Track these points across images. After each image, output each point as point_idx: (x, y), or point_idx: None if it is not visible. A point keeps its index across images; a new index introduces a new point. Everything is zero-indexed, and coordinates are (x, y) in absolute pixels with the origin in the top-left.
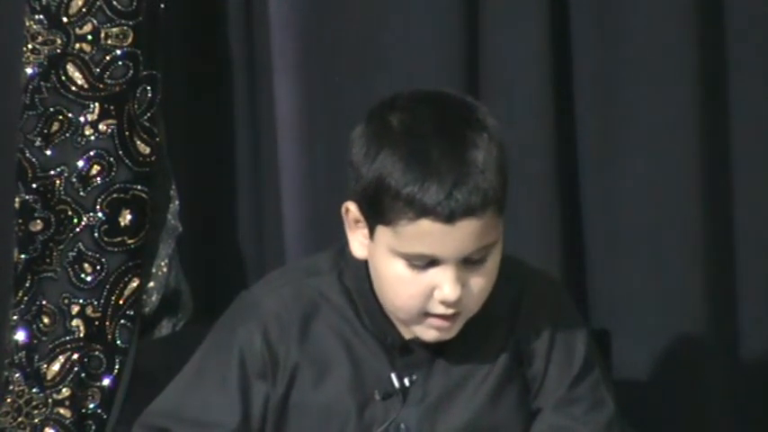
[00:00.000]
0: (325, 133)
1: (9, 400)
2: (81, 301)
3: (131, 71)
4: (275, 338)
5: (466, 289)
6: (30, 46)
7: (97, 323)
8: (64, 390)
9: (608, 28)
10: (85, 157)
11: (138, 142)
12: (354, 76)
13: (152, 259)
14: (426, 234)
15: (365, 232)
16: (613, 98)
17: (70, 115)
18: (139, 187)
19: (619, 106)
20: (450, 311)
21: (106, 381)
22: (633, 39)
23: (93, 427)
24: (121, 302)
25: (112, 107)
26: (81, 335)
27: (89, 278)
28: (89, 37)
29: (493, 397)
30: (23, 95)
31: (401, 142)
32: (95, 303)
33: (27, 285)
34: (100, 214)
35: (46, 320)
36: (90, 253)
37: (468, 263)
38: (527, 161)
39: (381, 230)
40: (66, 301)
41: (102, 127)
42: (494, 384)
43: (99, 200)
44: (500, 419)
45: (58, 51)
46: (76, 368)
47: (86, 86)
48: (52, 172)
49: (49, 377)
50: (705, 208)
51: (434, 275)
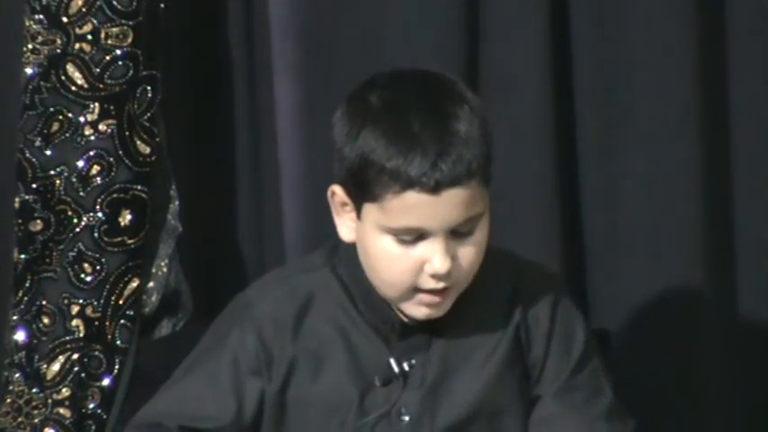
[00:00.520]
0: (325, 133)
1: (9, 401)
2: (81, 301)
3: (131, 71)
4: (269, 337)
5: (456, 262)
6: (30, 46)
7: (97, 323)
8: (64, 390)
9: (608, 28)
10: (85, 157)
11: (138, 142)
12: (354, 76)
13: (152, 259)
14: (413, 206)
15: (352, 215)
16: (613, 98)
17: (70, 115)
18: (139, 187)
19: (619, 106)
20: (440, 285)
21: (106, 381)
22: (633, 39)
23: (92, 427)
24: (121, 302)
25: (112, 107)
26: (81, 335)
27: (89, 278)
28: (89, 37)
29: (494, 380)
30: (23, 95)
31: (382, 118)
32: (95, 303)
33: (27, 285)
34: (100, 214)
35: (46, 320)
36: (90, 253)
37: (456, 235)
38: (527, 161)
39: (368, 208)
40: (65, 301)
41: (102, 127)
42: (495, 368)
43: (99, 200)
44: (501, 403)
45: (58, 51)
46: (76, 368)
47: (86, 86)
48: (52, 172)
49: (49, 377)
50: (705, 208)
51: (423, 249)
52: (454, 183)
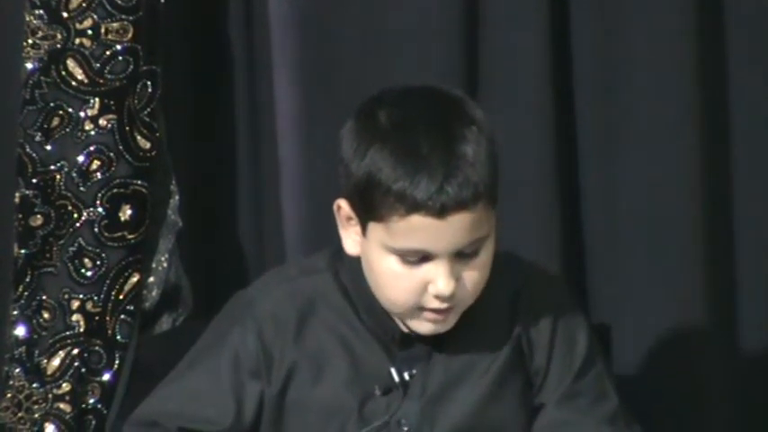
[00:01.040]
0: (325, 132)
1: (9, 396)
2: (81, 297)
3: (131, 66)
4: (270, 338)
5: (460, 283)
6: (30, 41)
7: (97, 318)
8: (64, 385)
9: (608, 27)
10: (86, 152)
11: (139, 137)
12: (354, 76)
13: (152, 254)
14: (418, 229)
15: (357, 229)
16: (613, 98)
17: (70, 110)
18: (140, 182)
19: (619, 106)
20: (444, 306)
21: (106, 376)
22: (633, 38)
23: (93, 422)
24: (121, 297)
25: (113, 102)
26: (81, 330)
27: (89, 273)
28: (89, 32)
29: (494, 390)
30: (23, 90)
31: (390, 138)
32: (95, 298)
33: (27, 280)
34: (100, 209)
35: (46, 315)
36: (90, 248)
37: (461, 256)
38: (527, 161)
39: (373, 227)
40: (66, 297)
41: (102, 122)
42: (495, 378)
43: (99, 195)
44: (502, 413)
45: (59, 46)
46: (76, 363)
47: (86, 81)
48: (52, 167)
49: (49, 372)
50: (705, 207)
51: (428, 270)
52: (460, 206)
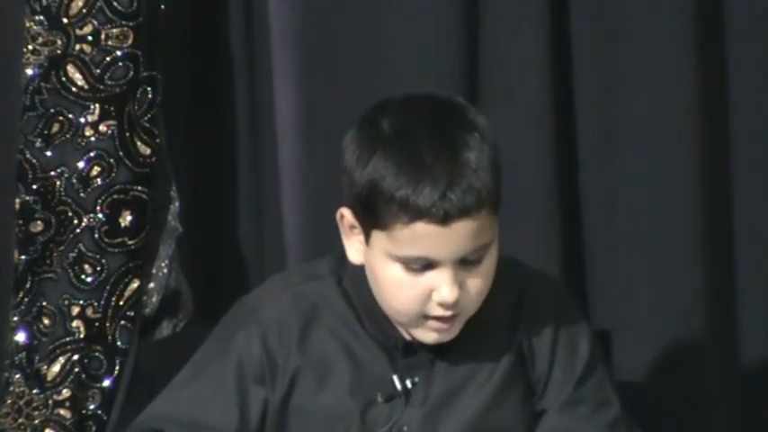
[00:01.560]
0: (325, 134)
1: (9, 401)
2: (81, 302)
3: (132, 72)
4: (274, 344)
5: (464, 290)
6: (30, 47)
7: (97, 324)
8: (64, 391)
9: (608, 28)
10: (86, 158)
11: (139, 143)
12: (354, 78)
13: (152, 260)
14: (422, 237)
15: (361, 238)
16: (613, 98)
17: (70, 116)
18: (140, 188)
19: (619, 106)
20: (448, 313)
21: (106, 382)
22: (633, 39)
23: (93, 428)
24: (122, 303)
25: (113, 108)
26: (81, 336)
27: (89, 279)
28: (89, 38)
29: (496, 398)
30: (24, 96)
31: (393, 146)
32: (96, 304)
33: (27, 286)
34: (100, 215)
35: (46, 321)
36: (90, 254)
37: (464, 264)
38: (527, 162)
39: (377, 235)
40: (66, 302)
41: (102, 128)
42: (497, 385)
43: (99, 201)
44: (503, 420)
45: (59, 52)
46: (77, 369)
47: (87, 87)
48: (52, 173)
49: (50, 378)
50: (705, 208)
51: (432, 278)
52: (463, 213)
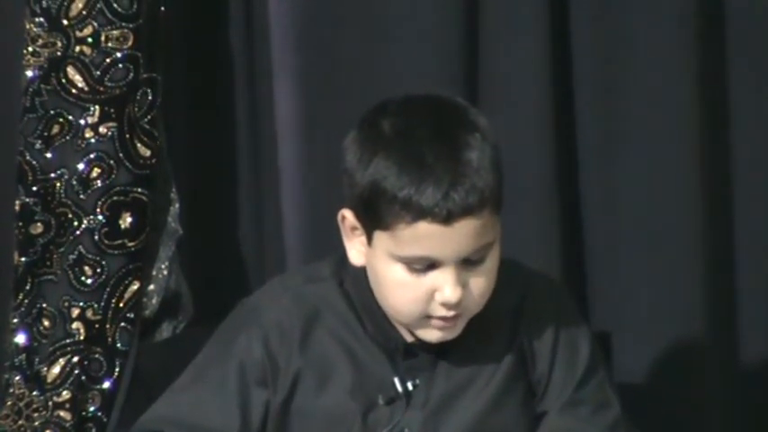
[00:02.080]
0: (325, 135)
1: (9, 403)
2: (81, 304)
3: (132, 74)
4: (276, 346)
5: (466, 290)
6: (30, 49)
7: (97, 326)
8: (64, 393)
9: (608, 28)
10: (86, 160)
11: (139, 145)
12: (354, 79)
13: (152, 262)
14: (425, 236)
15: (363, 239)
16: (613, 98)
17: (70, 118)
18: (140, 190)
19: (619, 106)
20: (451, 313)
21: (106, 384)
22: (633, 39)
23: (93, 430)
24: (122, 305)
25: (113, 110)
26: (81, 338)
27: (89, 281)
28: (89, 40)
29: (496, 400)
30: (24, 98)
31: (394, 146)
32: (96, 306)
33: (27, 288)
34: (100, 217)
35: (46, 323)
36: (90, 256)
37: (467, 263)
38: (527, 161)
39: (379, 236)
40: (66, 304)
41: (102, 130)
42: (497, 387)
43: (99, 202)
44: (504, 422)
45: (59, 54)
46: (77, 371)
47: (87, 89)
48: (52, 174)
49: (50, 380)
50: (705, 208)
51: (434, 278)
52: (466, 213)
